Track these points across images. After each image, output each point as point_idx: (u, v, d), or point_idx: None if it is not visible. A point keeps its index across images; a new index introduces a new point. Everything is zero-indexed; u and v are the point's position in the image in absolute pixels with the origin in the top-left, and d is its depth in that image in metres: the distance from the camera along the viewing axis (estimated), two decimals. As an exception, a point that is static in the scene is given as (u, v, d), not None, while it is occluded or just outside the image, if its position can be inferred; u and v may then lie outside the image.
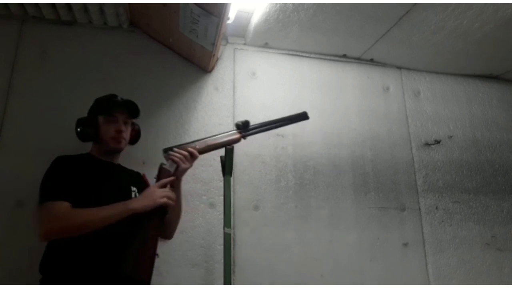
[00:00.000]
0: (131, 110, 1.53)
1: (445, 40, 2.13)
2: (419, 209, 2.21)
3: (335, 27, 2.04)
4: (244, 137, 1.56)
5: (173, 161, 1.44)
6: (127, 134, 1.53)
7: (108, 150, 1.49)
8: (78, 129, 1.49)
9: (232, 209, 1.80)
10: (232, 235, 1.81)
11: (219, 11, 1.61)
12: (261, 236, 1.93)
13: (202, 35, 1.80)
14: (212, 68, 2.13)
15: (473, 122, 2.49)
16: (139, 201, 1.33)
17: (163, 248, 1.74)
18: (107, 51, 2.00)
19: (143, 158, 1.84)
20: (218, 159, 1.58)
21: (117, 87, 1.86)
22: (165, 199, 1.35)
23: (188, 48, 1.99)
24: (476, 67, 2.49)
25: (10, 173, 1.71)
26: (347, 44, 2.24)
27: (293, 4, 1.84)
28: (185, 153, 1.45)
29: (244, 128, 1.56)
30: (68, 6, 1.89)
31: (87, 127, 1.48)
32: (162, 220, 1.46)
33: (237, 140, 1.55)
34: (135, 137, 1.63)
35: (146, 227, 1.33)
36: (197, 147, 1.49)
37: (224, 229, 1.48)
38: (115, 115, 1.49)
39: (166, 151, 1.48)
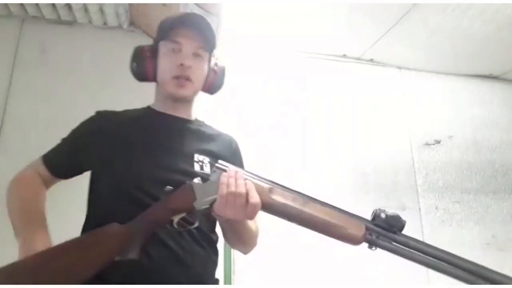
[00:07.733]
0: (206, 35, 0.99)
1: (445, 40, 2.13)
2: (419, 209, 2.20)
3: (335, 27, 2.04)
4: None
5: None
6: (196, 73, 0.99)
7: (167, 96, 1.00)
8: (134, 64, 1.02)
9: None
10: (232, 235, 1.80)
11: (219, 11, 1.61)
12: (261, 236, 1.92)
13: (202, 35, 1.80)
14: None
15: (473, 122, 2.49)
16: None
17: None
18: (107, 51, 2.00)
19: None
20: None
21: (117, 87, 1.85)
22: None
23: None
24: (476, 67, 2.49)
25: (10, 173, 1.71)
26: (347, 44, 2.24)
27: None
28: (242, 190, 0.80)
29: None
30: (68, 6, 1.88)
31: (143, 59, 1.01)
32: None
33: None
34: (215, 82, 1.06)
35: None
36: (272, 197, 0.83)
37: (224, 229, 1.48)
38: (178, 40, 0.97)
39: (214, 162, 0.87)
